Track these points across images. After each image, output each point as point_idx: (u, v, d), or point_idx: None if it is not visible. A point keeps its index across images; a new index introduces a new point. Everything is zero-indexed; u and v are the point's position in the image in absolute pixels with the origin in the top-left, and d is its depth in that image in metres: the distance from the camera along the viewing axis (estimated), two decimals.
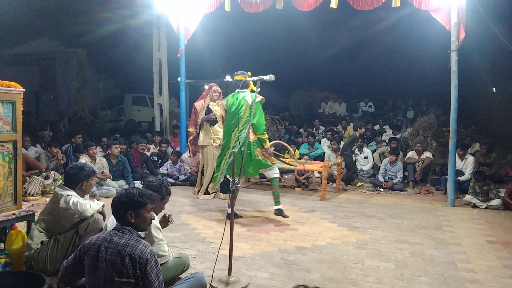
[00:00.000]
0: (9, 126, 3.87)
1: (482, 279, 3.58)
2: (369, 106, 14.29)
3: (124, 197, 2.49)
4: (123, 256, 2.29)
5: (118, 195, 2.54)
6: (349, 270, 3.71)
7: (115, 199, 2.53)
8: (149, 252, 2.34)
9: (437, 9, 6.27)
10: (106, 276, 2.30)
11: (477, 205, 6.28)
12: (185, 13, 7.94)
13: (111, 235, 2.40)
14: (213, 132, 6.57)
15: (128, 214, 2.47)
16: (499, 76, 11.42)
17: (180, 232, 4.78)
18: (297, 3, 6.88)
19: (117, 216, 2.52)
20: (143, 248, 2.33)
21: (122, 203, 2.48)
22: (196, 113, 6.63)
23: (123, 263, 2.28)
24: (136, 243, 2.34)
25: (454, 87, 6.31)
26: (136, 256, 2.29)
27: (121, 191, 2.56)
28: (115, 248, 2.32)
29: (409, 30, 10.70)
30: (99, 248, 2.36)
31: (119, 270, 2.29)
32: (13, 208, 3.90)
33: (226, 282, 3.31)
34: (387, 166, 7.85)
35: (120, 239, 2.36)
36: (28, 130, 9.28)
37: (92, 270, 2.36)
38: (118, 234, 2.40)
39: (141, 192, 2.55)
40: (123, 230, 2.43)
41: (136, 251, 2.30)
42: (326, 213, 5.80)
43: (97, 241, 2.40)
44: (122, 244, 2.33)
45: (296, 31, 11.93)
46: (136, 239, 2.39)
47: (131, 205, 2.48)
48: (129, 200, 2.48)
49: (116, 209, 2.51)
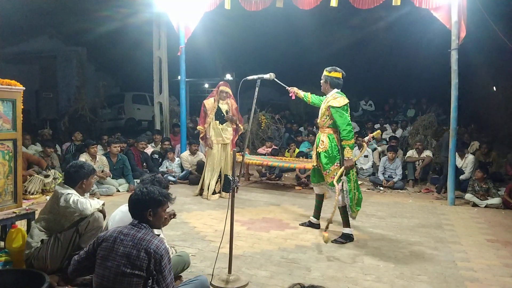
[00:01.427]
0: (9, 125, 3.86)
1: (482, 277, 3.58)
2: (369, 104, 14.29)
3: (146, 195, 2.52)
4: (139, 249, 2.34)
5: (138, 193, 2.55)
6: (349, 269, 3.71)
7: (135, 197, 2.55)
8: (164, 248, 2.40)
9: (437, 7, 6.27)
10: (118, 268, 2.33)
11: (477, 204, 6.28)
12: (185, 11, 7.93)
13: (127, 229, 2.46)
14: (222, 130, 6.51)
15: (147, 212, 2.52)
16: (500, 75, 11.42)
17: (180, 230, 4.79)
18: (297, 2, 6.87)
19: (135, 213, 2.55)
20: (158, 244, 2.38)
21: (143, 201, 2.52)
22: (206, 111, 6.51)
23: (138, 256, 2.33)
24: (152, 238, 2.40)
25: (454, 86, 6.31)
26: (151, 250, 2.33)
27: (141, 189, 2.57)
28: (132, 241, 2.37)
29: (410, 29, 10.71)
30: (114, 239, 2.40)
31: (133, 262, 2.32)
32: (13, 206, 3.90)
33: (226, 281, 3.31)
34: (385, 164, 7.87)
35: (137, 233, 2.42)
36: (28, 128, 9.27)
37: (104, 262, 2.39)
38: (135, 229, 2.46)
39: (160, 192, 2.60)
40: (139, 226, 2.48)
41: (152, 245, 2.35)
42: (326, 212, 5.79)
43: (113, 233, 2.44)
44: (139, 238, 2.38)
45: (296, 29, 11.93)
46: (152, 234, 2.45)
47: (152, 204, 2.53)
48: (151, 198, 2.52)
49: (136, 206, 2.54)
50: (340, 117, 4.36)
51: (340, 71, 4.58)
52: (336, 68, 4.59)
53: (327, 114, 4.51)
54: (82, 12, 11.35)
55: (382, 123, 11.54)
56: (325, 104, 4.57)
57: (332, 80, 4.55)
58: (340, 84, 4.58)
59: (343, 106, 4.38)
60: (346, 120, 4.36)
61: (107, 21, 11.22)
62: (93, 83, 14.71)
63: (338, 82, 4.55)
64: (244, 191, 7.06)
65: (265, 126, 10.92)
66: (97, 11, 11.00)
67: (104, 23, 11.37)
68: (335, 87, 4.56)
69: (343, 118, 4.35)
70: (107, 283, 2.34)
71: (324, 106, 4.58)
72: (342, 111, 4.37)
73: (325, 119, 4.56)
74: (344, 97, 4.46)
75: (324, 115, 4.57)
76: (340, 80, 4.57)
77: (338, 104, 4.38)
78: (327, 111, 4.51)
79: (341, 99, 4.41)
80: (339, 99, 4.41)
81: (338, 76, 4.56)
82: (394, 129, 10.58)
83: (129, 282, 2.31)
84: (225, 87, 6.51)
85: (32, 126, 10.97)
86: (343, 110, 4.38)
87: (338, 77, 4.56)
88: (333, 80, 4.55)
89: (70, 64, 14.52)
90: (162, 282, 2.35)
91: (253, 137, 10.64)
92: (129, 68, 15.46)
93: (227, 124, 6.53)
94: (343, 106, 4.38)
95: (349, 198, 4.44)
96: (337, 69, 4.58)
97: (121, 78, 17.35)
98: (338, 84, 4.56)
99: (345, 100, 4.42)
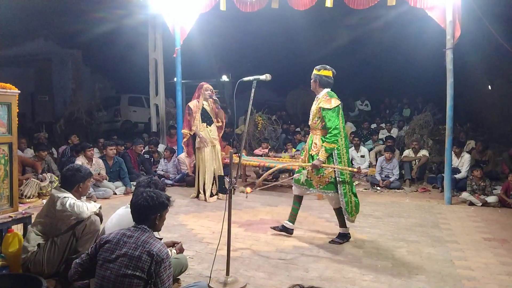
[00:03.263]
0: (5, 128, 3.84)
1: (479, 276, 3.60)
2: (365, 104, 14.30)
3: (156, 200, 2.51)
4: (142, 251, 2.34)
5: (147, 198, 2.50)
6: (347, 269, 3.72)
7: (145, 203, 2.49)
8: (166, 253, 2.40)
9: (432, 7, 6.29)
10: (119, 269, 2.33)
11: (473, 203, 6.30)
12: (181, 13, 7.92)
13: (131, 231, 2.46)
14: (210, 132, 6.49)
15: (156, 216, 2.53)
16: (494, 74, 11.48)
17: (178, 232, 4.77)
18: (292, 2, 6.88)
19: (141, 218, 2.51)
20: (161, 248, 2.39)
21: (154, 206, 2.50)
22: (191, 114, 6.44)
23: (141, 258, 2.33)
24: (155, 242, 2.41)
25: (449, 85, 6.33)
26: (154, 253, 2.34)
27: (148, 195, 2.52)
28: (135, 243, 2.37)
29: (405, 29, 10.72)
30: (118, 241, 2.40)
31: (135, 264, 2.32)
32: (10, 210, 3.87)
33: (224, 282, 3.31)
34: (383, 164, 7.89)
35: (141, 236, 2.42)
36: (24, 132, 9.23)
37: (105, 263, 2.38)
38: (139, 231, 2.46)
39: (165, 194, 2.61)
40: (143, 229, 2.48)
41: (154, 248, 2.36)
42: (324, 212, 5.80)
43: (116, 235, 2.44)
44: (143, 241, 2.39)
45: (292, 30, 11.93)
46: (155, 238, 2.46)
47: (161, 208, 2.54)
48: (160, 203, 2.53)
49: (143, 212, 2.50)
50: (329, 120, 4.19)
51: (330, 69, 4.39)
52: (326, 66, 4.40)
53: (318, 115, 4.33)
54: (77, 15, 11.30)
55: (378, 122, 11.57)
56: (316, 105, 4.38)
57: (321, 78, 4.37)
58: (331, 83, 4.40)
59: (334, 108, 4.22)
60: (334, 124, 4.18)
61: (102, 23, 11.18)
62: (88, 86, 14.65)
63: (328, 81, 4.37)
64: None
65: (262, 127, 10.91)
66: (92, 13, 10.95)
67: (99, 25, 11.33)
68: (325, 86, 4.38)
69: (332, 121, 4.18)
70: (107, 284, 2.34)
71: (315, 107, 4.39)
72: (332, 113, 4.20)
73: (316, 120, 4.38)
74: (335, 98, 4.29)
75: (315, 117, 4.38)
76: (331, 79, 4.39)
77: (329, 106, 4.21)
78: (318, 112, 4.32)
79: (333, 101, 4.24)
80: (331, 100, 4.24)
81: (328, 74, 4.37)
82: (389, 128, 10.61)
83: (129, 283, 2.31)
84: (208, 85, 6.48)
85: (27, 130, 10.90)
86: (334, 112, 4.21)
87: (328, 76, 4.37)
88: (323, 78, 4.36)
89: (65, 67, 14.47)
90: (159, 286, 2.34)
91: (250, 138, 10.64)
92: (124, 70, 15.40)
93: (213, 125, 6.53)
94: (334, 108, 4.21)
95: (344, 201, 4.33)
96: (327, 67, 4.39)
97: (117, 80, 17.28)
98: (328, 83, 4.38)
99: (336, 102, 4.25)
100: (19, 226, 3.93)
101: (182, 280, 3.34)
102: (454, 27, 6.25)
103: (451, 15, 6.20)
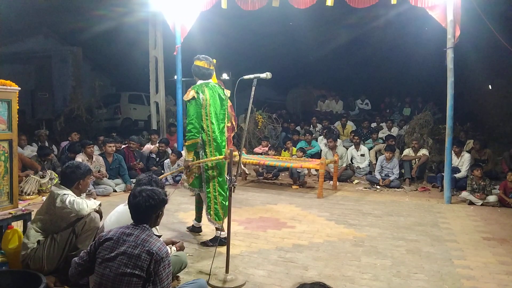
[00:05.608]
0: (5, 125, 3.84)
1: (478, 275, 3.60)
2: (365, 103, 14.30)
3: (154, 200, 2.50)
4: (142, 249, 2.34)
5: (143, 199, 2.48)
6: (346, 268, 3.72)
7: (143, 203, 2.47)
8: (165, 252, 2.40)
9: (433, 6, 6.29)
10: (118, 267, 2.32)
11: (473, 202, 6.30)
12: (181, 10, 7.92)
13: (130, 229, 2.45)
14: None
15: (157, 214, 2.54)
16: (495, 74, 11.47)
17: (177, 230, 4.78)
18: (293, 1, 6.88)
19: (142, 218, 2.50)
20: (160, 246, 2.39)
21: (154, 206, 2.50)
22: None
23: (140, 257, 2.32)
24: (155, 241, 2.41)
25: (450, 84, 6.33)
26: (153, 251, 2.34)
27: (144, 194, 2.49)
28: (135, 241, 2.37)
29: (405, 28, 10.74)
30: (118, 239, 2.40)
31: (134, 262, 2.32)
32: (9, 207, 3.88)
33: (223, 280, 3.31)
34: (383, 163, 7.89)
35: (140, 234, 2.42)
36: (24, 128, 9.22)
37: (105, 261, 2.38)
38: (138, 229, 2.45)
39: (162, 191, 2.63)
40: (143, 227, 2.48)
41: (154, 247, 2.36)
42: (323, 210, 5.81)
43: (115, 233, 2.44)
44: (142, 239, 2.38)
45: (293, 28, 11.95)
46: (154, 236, 2.46)
47: (161, 205, 2.55)
48: (160, 200, 2.53)
49: (144, 212, 2.49)
50: (187, 113, 3.93)
51: (204, 59, 4.06)
52: (199, 57, 4.09)
53: None
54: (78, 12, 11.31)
55: (378, 121, 11.57)
56: None
57: (195, 69, 4.08)
58: (207, 74, 4.09)
59: (190, 100, 3.91)
60: (189, 118, 3.90)
61: (103, 20, 11.19)
62: (89, 83, 14.65)
63: (203, 71, 4.06)
64: (241, 190, 7.06)
65: (262, 125, 10.92)
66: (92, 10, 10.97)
67: (99, 22, 11.34)
68: (200, 77, 4.09)
69: (188, 115, 3.91)
70: (106, 282, 2.34)
71: None
72: (189, 106, 3.90)
73: None
74: (194, 90, 3.95)
75: None
76: (206, 69, 4.06)
77: (186, 97, 3.96)
78: None
79: (189, 92, 3.95)
80: (189, 92, 3.96)
81: (201, 65, 4.06)
82: (390, 126, 10.61)
83: (128, 281, 2.31)
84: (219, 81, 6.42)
85: (27, 127, 10.88)
86: (191, 105, 3.90)
87: (202, 66, 4.06)
88: (196, 69, 4.08)
89: (65, 64, 14.44)
90: (158, 284, 2.34)
91: (250, 137, 10.64)
92: (125, 67, 15.41)
93: None
94: (190, 100, 3.91)
95: (207, 202, 4.14)
96: (200, 57, 4.08)
97: (117, 77, 17.28)
98: (203, 74, 4.06)
99: (191, 93, 3.93)
100: (19, 222, 3.93)
101: (182, 278, 3.35)
102: (454, 26, 6.23)
103: (451, 14, 6.20)
